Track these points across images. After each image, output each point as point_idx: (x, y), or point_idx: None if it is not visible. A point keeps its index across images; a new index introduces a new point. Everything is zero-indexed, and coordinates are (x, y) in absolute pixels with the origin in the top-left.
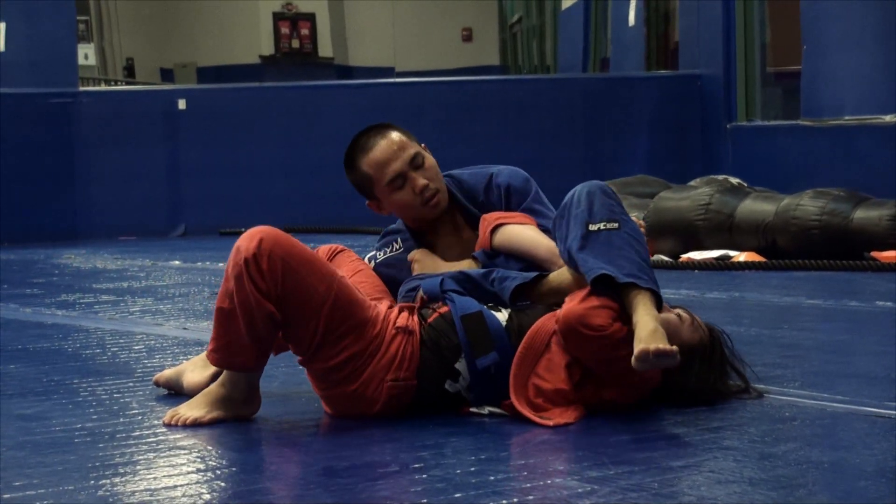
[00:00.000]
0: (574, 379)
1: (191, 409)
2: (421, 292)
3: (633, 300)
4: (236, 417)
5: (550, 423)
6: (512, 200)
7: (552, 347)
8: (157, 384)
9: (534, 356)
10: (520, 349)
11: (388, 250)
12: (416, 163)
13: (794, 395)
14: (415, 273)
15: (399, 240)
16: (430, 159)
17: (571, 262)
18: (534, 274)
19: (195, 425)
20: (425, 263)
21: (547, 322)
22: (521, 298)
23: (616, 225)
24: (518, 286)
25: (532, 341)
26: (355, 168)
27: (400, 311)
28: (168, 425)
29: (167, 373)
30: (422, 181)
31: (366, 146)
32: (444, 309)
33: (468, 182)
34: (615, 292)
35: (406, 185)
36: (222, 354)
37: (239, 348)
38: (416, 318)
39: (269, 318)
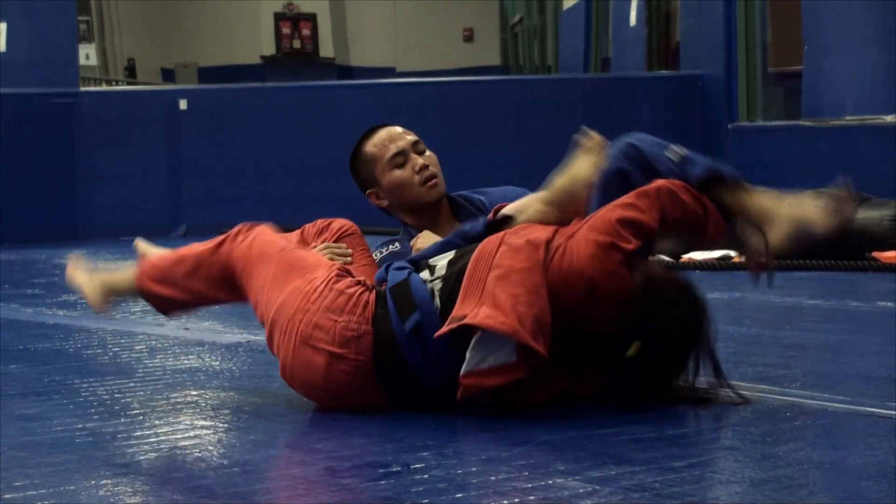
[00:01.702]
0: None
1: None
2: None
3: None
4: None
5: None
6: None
7: (504, 245)
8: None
9: (487, 258)
10: (469, 267)
11: (385, 250)
12: (417, 148)
13: (795, 396)
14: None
15: (397, 242)
16: (432, 153)
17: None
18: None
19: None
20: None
21: (487, 243)
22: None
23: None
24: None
25: (482, 250)
26: (359, 153)
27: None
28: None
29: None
30: (421, 161)
31: (371, 133)
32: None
33: (470, 194)
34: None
35: (406, 164)
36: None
37: (171, 285)
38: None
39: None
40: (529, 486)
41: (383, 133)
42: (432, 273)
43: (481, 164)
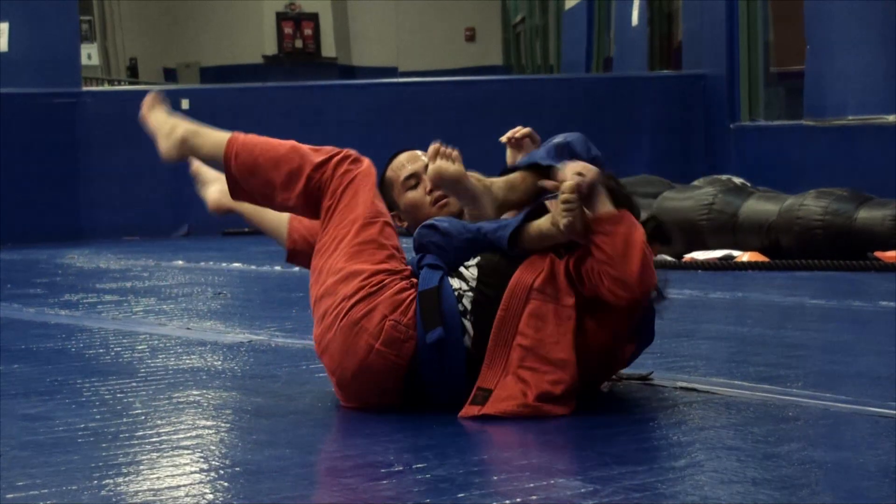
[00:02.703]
0: (569, 331)
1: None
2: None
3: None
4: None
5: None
6: None
7: (532, 302)
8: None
9: (514, 317)
10: (498, 315)
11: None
12: None
13: (797, 395)
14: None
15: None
16: None
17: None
18: (519, 218)
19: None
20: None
21: (523, 277)
22: (515, 246)
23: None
24: (512, 234)
25: (509, 303)
26: (383, 177)
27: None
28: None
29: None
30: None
31: (394, 157)
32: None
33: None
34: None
35: (419, 185)
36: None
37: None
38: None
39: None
40: (531, 485)
41: (403, 156)
42: (462, 280)
43: (483, 164)
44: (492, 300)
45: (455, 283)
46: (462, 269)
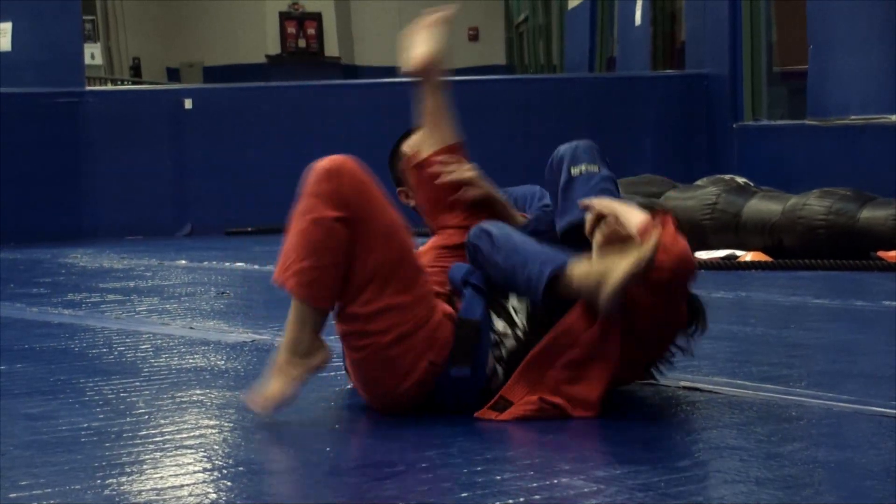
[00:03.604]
0: (606, 378)
1: (271, 389)
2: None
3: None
4: (312, 372)
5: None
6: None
7: (577, 348)
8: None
9: (548, 361)
10: (543, 343)
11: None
12: None
13: (800, 395)
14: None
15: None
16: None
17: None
18: (560, 262)
19: (285, 402)
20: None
21: (576, 324)
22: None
23: (596, 168)
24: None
25: (548, 349)
26: (396, 150)
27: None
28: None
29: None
30: None
31: (410, 133)
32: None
33: (515, 190)
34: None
35: None
36: (298, 277)
37: (311, 268)
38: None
39: (336, 227)
40: (534, 485)
41: (418, 136)
42: (508, 325)
43: (486, 163)
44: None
45: (499, 324)
46: (511, 309)
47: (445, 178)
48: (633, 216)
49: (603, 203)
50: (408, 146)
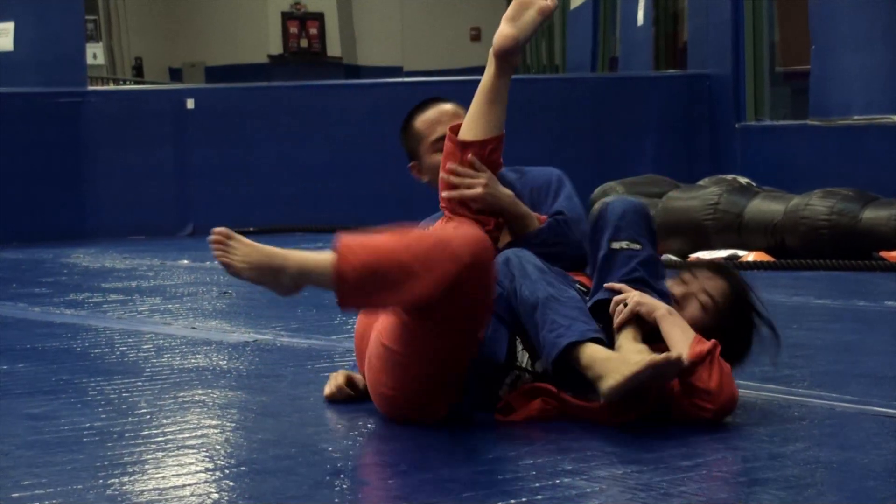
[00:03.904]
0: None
1: (237, 256)
2: None
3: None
4: (267, 287)
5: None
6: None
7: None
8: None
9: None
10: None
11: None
12: None
13: (802, 395)
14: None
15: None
16: None
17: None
18: (576, 335)
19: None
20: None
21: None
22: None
23: (638, 246)
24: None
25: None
26: (409, 125)
27: None
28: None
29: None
30: None
31: (424, 107)
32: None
33: (506, 172)
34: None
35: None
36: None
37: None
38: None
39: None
40: (537, 485)
41: (433, 112)
42: (532, 358)
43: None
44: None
45: (523, 357)
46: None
47: (453, 194)
48: (676, 337)
49: (634, 299)
50: (421, 122)
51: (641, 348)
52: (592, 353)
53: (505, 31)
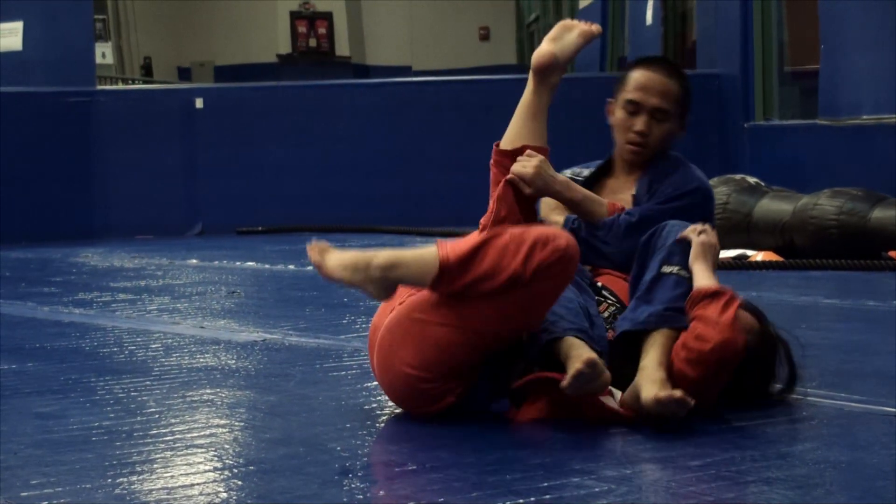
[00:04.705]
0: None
1: (330, 258)
2: None
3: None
4: (361, 287)
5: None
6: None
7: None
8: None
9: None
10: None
11: (582, 173)
12: (656, 114)
13: (811, 395)
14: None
15: (587, 170)
16: (667, 129)
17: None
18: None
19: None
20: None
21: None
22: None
23: (686, 274)
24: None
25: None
26: (630, 69)
27: None
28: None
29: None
30: (643, 126)
31: (654, 65)
32: None
33: (677, 174)
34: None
35: (632, 117)
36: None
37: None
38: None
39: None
40: (545, 485)
41: (644, 76)
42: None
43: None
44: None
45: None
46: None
47: (511, 173)
48: (700, 275)
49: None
50: (635, 77)
51: (657, 378)
52: (567, 349)
53: (544, 48)
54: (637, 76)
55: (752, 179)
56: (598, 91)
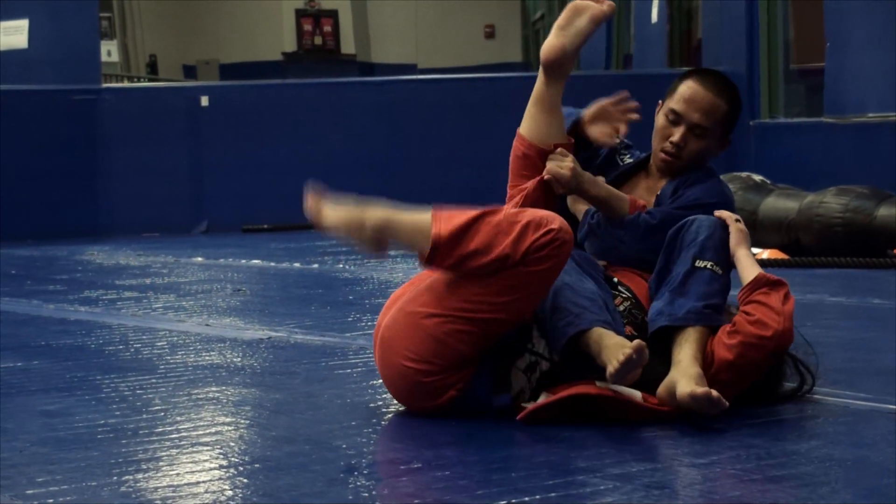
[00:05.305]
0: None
1: (326, 210)
2: None
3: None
4: (354, 242)
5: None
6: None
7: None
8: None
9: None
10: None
11: (624, 158)
12: (695, 130)
13: (816, 393)
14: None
15: (631, 157)
16: (703, 146)
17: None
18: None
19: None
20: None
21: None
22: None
23: (720, 271)
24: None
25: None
26: (683, 78)
27: None
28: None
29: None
30: (680, 139)
31: (705, 80)
32: None
33: (704, 184)
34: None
35: (671, 126)
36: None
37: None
38: None
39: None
40: (550, 482)
41: (692, 90)
42: (540, 354)
43: (503, 161)
44: (564, 374)
45: (540, 344)
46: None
47: (549, 165)
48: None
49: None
50: (683, 90)
51: (693, 373)
52: (598, 339)
53: (552, 41)
54: (686, 87)
55: (757, 177)
56: (603, 89)
